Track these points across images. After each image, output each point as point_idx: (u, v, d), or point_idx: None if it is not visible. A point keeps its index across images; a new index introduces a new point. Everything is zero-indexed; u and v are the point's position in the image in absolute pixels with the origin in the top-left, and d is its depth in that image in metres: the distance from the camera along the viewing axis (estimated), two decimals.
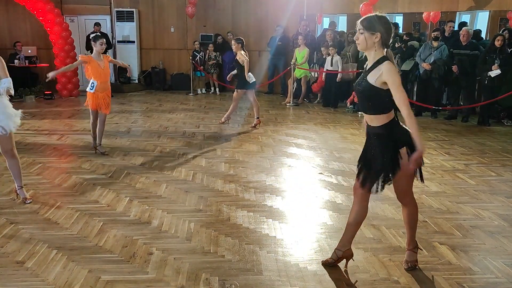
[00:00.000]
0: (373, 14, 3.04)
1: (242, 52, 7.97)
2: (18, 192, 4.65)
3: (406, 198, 3.26)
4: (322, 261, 3.44)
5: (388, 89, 2.94)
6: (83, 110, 10.07)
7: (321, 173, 5.69)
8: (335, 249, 3.41)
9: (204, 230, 4.01)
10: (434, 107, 9.11)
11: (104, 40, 6.40)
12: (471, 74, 8.71)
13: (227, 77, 9.10)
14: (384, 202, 4.69)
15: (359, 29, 3.00)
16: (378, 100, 3.02)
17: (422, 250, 3.51)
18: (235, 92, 8.32)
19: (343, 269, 3.36)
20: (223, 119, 8.58)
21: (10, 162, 4.54)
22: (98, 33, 6.89)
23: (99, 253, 3.58)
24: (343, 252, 3.37)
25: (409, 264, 3.37)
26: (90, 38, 6.38)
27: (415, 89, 9.99)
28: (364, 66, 3.16)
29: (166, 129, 8.15)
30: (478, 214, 4.41)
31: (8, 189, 5.01)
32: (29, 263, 3.42)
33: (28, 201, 4.61)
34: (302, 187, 5.16)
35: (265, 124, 8.60)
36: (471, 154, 6.61)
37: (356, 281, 3.23)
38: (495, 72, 8.18)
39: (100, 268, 3.35)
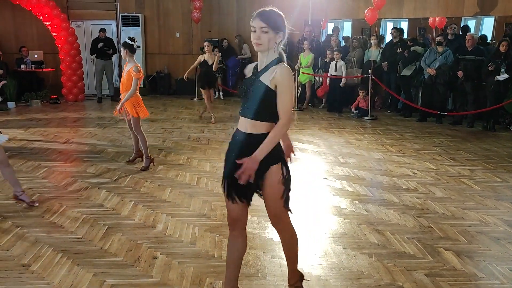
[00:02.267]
0: (271, 8, 2.68)
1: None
2: (21, 198, 4.65)
3: (279, 224, 2.86)
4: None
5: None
6: (89, 114, 10.13)
7: (325, 178, 5.68)
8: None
9: (208, 235, 4.01)
10: (439, 113, 9.09)
11: None
12: (476, 79, 8.69)
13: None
14: (389, 207, 4.69)
15: (261, 27, 2.58)
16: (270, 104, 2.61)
17: (308, 280, 3.16)
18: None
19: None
20: (213, 120, 9.11)
21: (5, 171, 4.55)
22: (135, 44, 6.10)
23: (104, 257, 3.60)
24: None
25: None
26: (130, 45, 5.80)
27: (420, 94, 9.99)
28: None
29: (171, 134, 8.18)
30: (483, 220, 4.39)
31: None
32: (34, 266, 3.43)
33: (36, 204, 4.63)
34: (307, 192, 5.15)
35: None
36: (477, 159, 6.58)
37: (361, 286, 3.22)
38: (503, 76, 8.16)
39: (105, 272, 3.36)
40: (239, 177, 2.56)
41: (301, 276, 3.05)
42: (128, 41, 5.81)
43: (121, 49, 5.88)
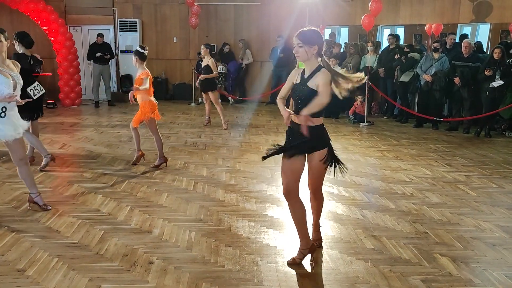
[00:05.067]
0: (308, 28, 3.41)
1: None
2: (36, 201, 4.60)
3: (317, 193, 3.83)
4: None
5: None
6: (86, 119, 10.12)
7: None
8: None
9: (204, 240, 4.01)
10: (435, 118, 9.13)
11: None
12: (472, 85, 8.74)
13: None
14: (385, 213, 4.70)
15: (298, 43, 3.35)
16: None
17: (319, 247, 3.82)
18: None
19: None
20: (225, 126, 9.06)
21: (22, 170, 4.49)
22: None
23: (100, 262, 3.59)
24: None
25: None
26: (141, 52, 6.13)
27: (416, 100, 10.03)
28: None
29: (168, 139, 8.18)
30: (479, 226, 4.41)
31: (10, 197, 5.03)
32: (29, 271, 3.42)
33: (49, 207, 4.61)
34: (303, 198, 5.14)
35: (266, 134, 8.63)
36: (472, 165, 6.61)
37: None
38: (498, 82, 8.21)
39: (101, 277, 3.35)
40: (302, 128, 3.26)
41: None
42: (139, 49, 6.15)
43: (132, 56, 6.19)
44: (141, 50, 6.13)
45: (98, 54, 11.63)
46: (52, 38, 11.46)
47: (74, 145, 7.63)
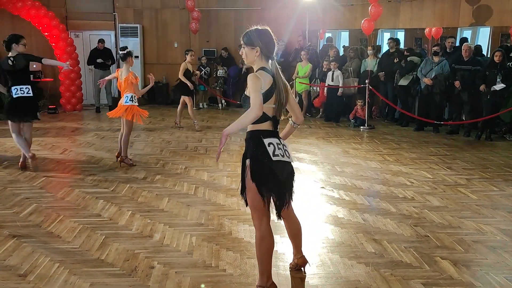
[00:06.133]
0: (253, 28, 3.10)
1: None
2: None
3: (252, 218, 3.12)
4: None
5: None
6: (87, 124, 10.15)
7: (323, 187, 5.69)
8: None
9: (205, 244, 4.01)
10: (435, 122, 9.14)
11: None
12: (473, 89, 8.75)
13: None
14: (386, 216, 4.70)
15: (241, 44, 3.09)
16: None
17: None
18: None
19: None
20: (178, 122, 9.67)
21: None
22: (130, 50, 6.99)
23: (101, 267, 3.59)
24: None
25: None
26: (125, 52, 6.73)
27: (416, 104, 10.04)
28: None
29: (169, 143, 8.20)
30: (480, 229, 4.41)
31: (11, 202, 5.04)
32: (31, 276, 3.43)
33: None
34: (304, 201, 5.16)
35: None
36: (473, 168, 6.61)
37: None
38: (500, 85, 8.22)
39: (102, 282, 3.35)
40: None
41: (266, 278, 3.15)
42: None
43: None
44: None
45: (100, 60, 11.67)
46: (53, 44, 11.50)
47: (76, 150, 7.65)
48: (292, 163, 3.15)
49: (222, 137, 2.92)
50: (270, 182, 2.99)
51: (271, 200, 3.08)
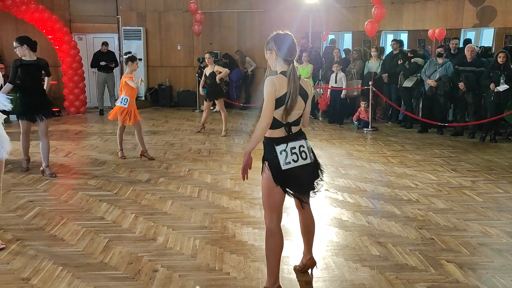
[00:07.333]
0: (275, 33, 3.16)
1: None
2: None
3: (264, 218, 3.23)
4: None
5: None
6: (90, 127, 10.16)
7: (326, 190, 5.67)
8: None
9: (209, 247, 4.00)
10: (440, 124, 9.10)
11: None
12: (477, 90, 8.71)
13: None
14: (391, 219, 4.67)
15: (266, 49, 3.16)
16: None
17: None
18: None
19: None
20: (224, 133, 9.11)
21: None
22: (133, 55, 7.37)
23: (105, 270, 3.58)
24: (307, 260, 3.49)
25: None
26: (126, 57, 7.10)
27: (420, 105, 10.01)
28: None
29: (172, 146, 8.19)
30: (485, 232, 4.37)
31: (15, 205, 5.05)
32: (34, 279, 3.42)
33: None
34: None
35: None
36: (478, 170, 6.57)
37: None
38: (503, 86, 8.19)
39: (105, 285, 3.34)
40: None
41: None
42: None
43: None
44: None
45: (103, 63, 11.70)
46: (57, 47, 11.52)
47: (79, 153, 7.65)
48: (312, 162, 3.20)
49: (244, 157, 3.09)
50: (290, 184, 3.14)
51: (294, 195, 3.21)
